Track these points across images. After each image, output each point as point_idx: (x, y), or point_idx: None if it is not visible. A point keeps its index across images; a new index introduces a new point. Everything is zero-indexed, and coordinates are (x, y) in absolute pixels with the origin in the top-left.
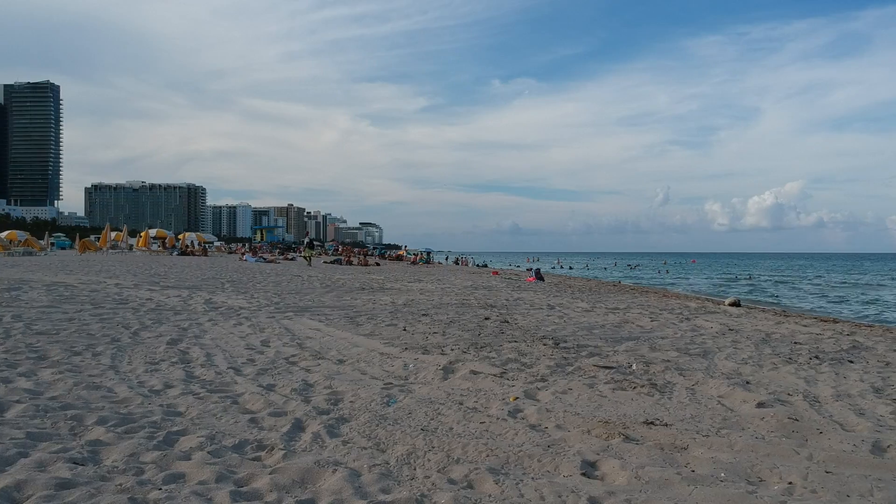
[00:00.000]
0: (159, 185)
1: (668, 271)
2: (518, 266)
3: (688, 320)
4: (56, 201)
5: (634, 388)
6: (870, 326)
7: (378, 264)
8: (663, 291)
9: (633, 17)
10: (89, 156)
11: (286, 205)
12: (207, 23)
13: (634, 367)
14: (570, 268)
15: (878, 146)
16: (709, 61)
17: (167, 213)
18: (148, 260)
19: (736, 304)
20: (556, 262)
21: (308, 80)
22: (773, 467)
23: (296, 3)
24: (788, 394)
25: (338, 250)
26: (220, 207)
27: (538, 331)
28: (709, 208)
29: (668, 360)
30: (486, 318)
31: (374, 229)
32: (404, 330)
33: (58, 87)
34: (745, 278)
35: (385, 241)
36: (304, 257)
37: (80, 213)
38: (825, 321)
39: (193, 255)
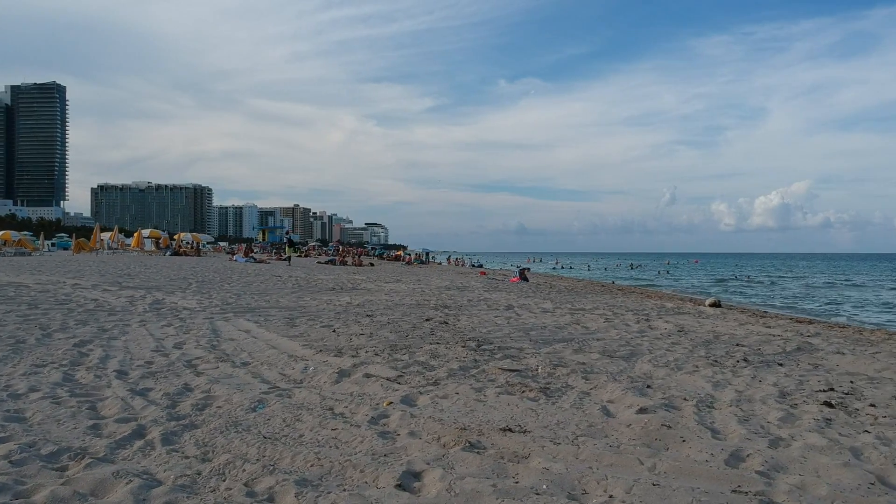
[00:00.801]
0: (165, 186)
1: (668, 272)
2: (517, 266)
3: (646, 321)
4: (62, 202)
5: (523, 392)
6: (842, 327)
7: (372, 265)
8: (650, 292)
9: (639, 16)
10: (96, 156)
11: (292, 205)
12: (214, 23)
13: (539, 370)
14: (571, 268)
15: (885, 146)
16: (715, 61)
17: (173, 213)
18: (134, 260)
19: (716, 304)
20: (555, 262)
21: (314, 80)
22: (602, 479)
23: (302, 3)
24: (685, 399)
25: (338, 251)
26: (227, 208)
27: (472, 332)
28: (715, 208)
29: (584, 363)
30: (428, 320)
31: (380, 229)
32: (334, 332)
33: (64, 87)
34: (744, 278)
35: (391, 242)
36: (287, 257)
37: (87, 213)
38: (800, 322)
39: (186, 255)
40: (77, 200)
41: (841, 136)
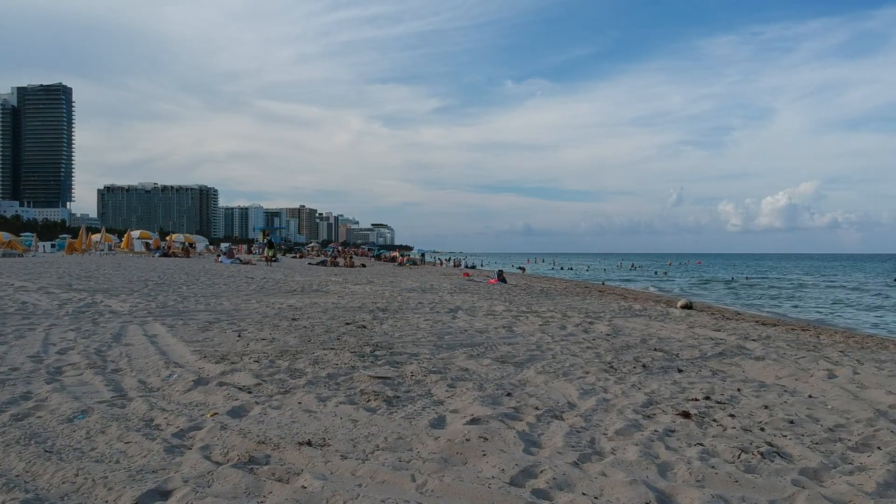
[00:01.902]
0: (171, 187)
1: (665, 273)
2: (515, 267)
3: (588, 324)
4: (68, 203)
5: (368, 402)
6: (805, 329)
7: (364, 265)
8: (636, 293)
9: (646, 17)
10: (104, 157)
11: (298, 206)
12: (221, 25)
13: (412, 376)
14: (571, 269)
15: (893, 146)
16: (723, 61)
17: (179, 214)
18: (118, 261)
19: (687, 306)
20: (552, 263)
21: (321, 81)
22: (352, 499)
23: (309, 4)
24: (536, 408)
25: (338, 252)
26: (233, 209)
27: (382, 337)
28: (722, 209)
29: (467, 370)
30: (348, 324)
31: (386, 230)
32: (239, 337)
33: (70, 89)
34: (742, 279)
35: (397, 242)
36: (265, 258)
37: (93, 214)
38: (765, 324)
39: (176, 256)
40: (84, 202)
41: (849, 137)
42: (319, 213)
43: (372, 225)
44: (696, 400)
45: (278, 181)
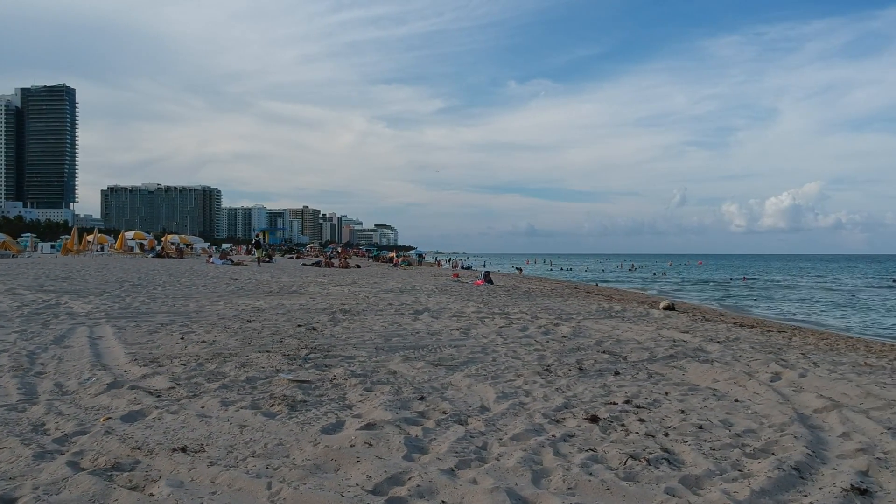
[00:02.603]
0: (175, 188)
1: (664, 273)
2: (514, 267)
3: (554, 325)
4: (72, 203)
5: (271, 406)
6: (782, 331)
7: (359, 266)
8: (617, 294)
9: (649, 17)
10: (108, 158)
11: (301, 207)
12: (225, 25)
13: (333, 379)
14: (570, 269)
15: None
16: (727, 62)
17: (182, 215)
18: (105, 262)
19: (669, 307)
20: (549, 263)
21: (325, 82)
22: None
23: (312, 5)
24: (444, 412)
25: (338, 252)
26: (236, 209)
27: (327, 339)
28: (726, 209)
29: (395, 373)
30: (299, 325)
31: (390, 231)
32: (182, 339)
33: (73, 90)
34: (739, 279)
35: (400, 243)
36: (256, 258)
37: (97, 215)
38: (743, 325)
39: (169, 257)
40: (88, 202)
41: (853, 137)
42: (323, 214)
43: (375, 226)
44: (615, 404)
45: (282, 182)
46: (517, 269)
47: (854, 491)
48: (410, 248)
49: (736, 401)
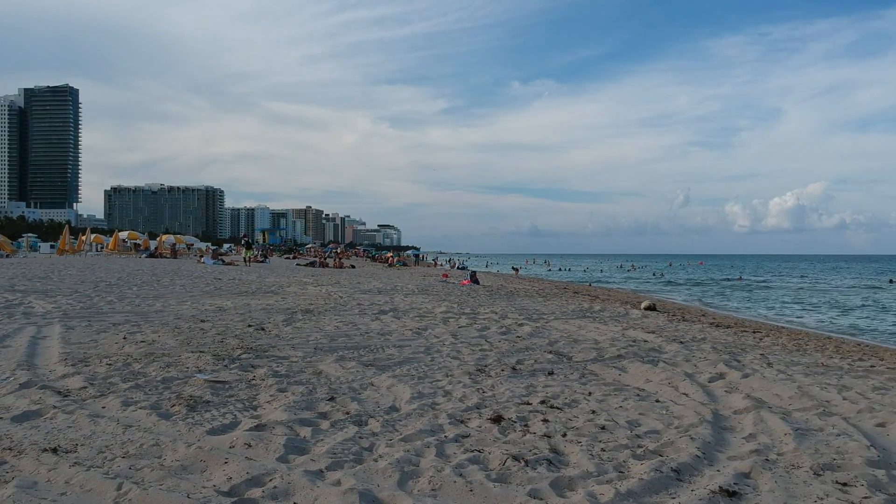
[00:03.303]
0: (178, 188)
1: (662, 274)
2: (510, 268)
3: (518, 325)
4: (75, 204)
5: (172, 407)
6: (757, 331)
7: (353, 266)
8: (605, 294)
9: (653, 17)
10: (112, 158)
11: (304, 207)
12: (229, 26)
13: (252, 380)
14: (569, 270)
15: None
16: (730, 62)
17: (185, 215)
18: (94, 262)
19: (650, 307)
20: (547, 264)
21: (328, 82)
22: None
23: (316, 6)
24: (347, 413)
25: (336, 253)
26: (239, 210)
27: (272, 340)
28: (729, 210)
29: (319, 373)
30: (250, 326)
31: (393, 231)
32: (124, 339)
33: (77, 90)
34: (735, 279)
35: (404, 243)
36: (244, 258)
37: (100, 215)
38: (720, 325)
39: (163, 257)
40: (92, 203)
41: (857, 137)
42: (326, 215)
43: (378, 226)
44: (529, 404)
45: (285, 182)
46: (514, 269)
47: (722, 493)
48: (414, 248)
49: (657, 401)
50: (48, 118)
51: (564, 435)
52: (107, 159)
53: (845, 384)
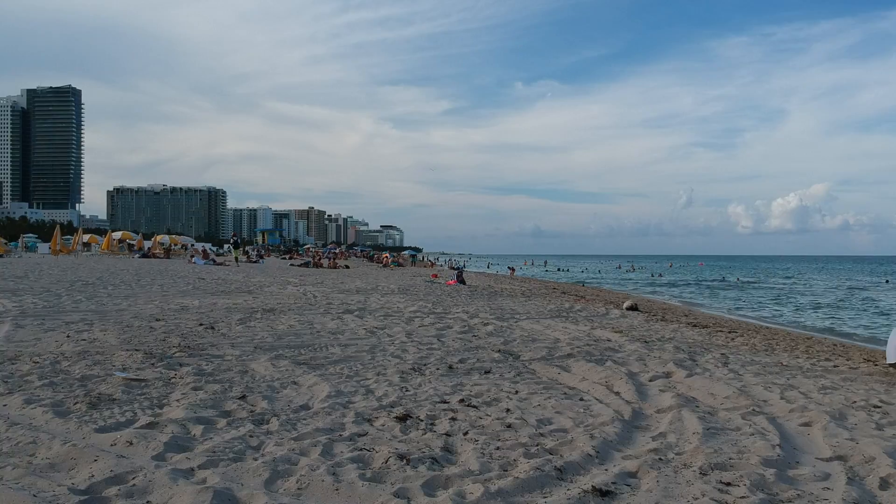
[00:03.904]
0: (180, 189)
1: (660, 275)
2: (521, 267)
3: (484, 324)
4: (77, 204)
5: (74, 404)
6: (731, 332)
7: (347, 266)
8: (591, 294)
9: (657, 18)
10: (115, 159)
11: (307, 207)
12: (233, 27)
13: (172, 378)
14: (567, 270)
15: None
16: (734, 63)
17: (188, 215)
18: (80, 261)
19: (633, 307)
20: (543, 263)
21: (331, 83)
22: None
23: (319, 7)
24: (252, 411)
25: (334, 254)
26: (241, 210)
27: (217, 338)
28: (732, 210)
29: (244, 372)
30: (201, 325)
31: (395, 232)
32: (67, 337)
33: (79, 91)
34: (733, 280)
35: (406, 244)
36: (234, 258)
37: (103, 216)
38: (696, 326)
39: (156, 257)
40: (95, 203)
41: (861, 138)
42: (329, 215)
43: (381, 227)
44: (447, 402)
45: (288, 183)
46: (510, 269)
47: (595, 492)
48: (417, 248)
49: (581, 400)
50: (51, 119)
51: (466, 433)
52: (110, 160)
53: (793, 384)
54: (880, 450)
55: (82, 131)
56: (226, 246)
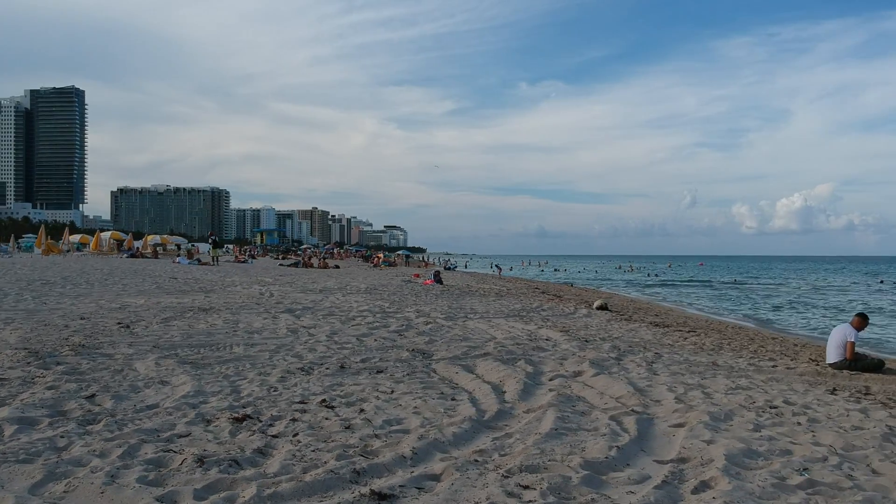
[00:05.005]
0: (183, 189)
1: (657, 275)
2: (512, 268)
3: (426, 323)
4: (81, 205)
5: None
6: (693, 331)
7: (337, 267)
8: (569, 294)
9: (661, 18)
10: (119, 160)
11: (311, 208)
12: (237, 27)
13: (44, 375)
14: (565, 270)
15: None
16: (738, 63)
17: (191, 216)
18: (63, 261)
19: (603, 307)
20: (540, 264)
21: (335, 83)
22: None
23: (323, 7)
24: (90, 410)
25: (333, 254)
26: (245, 211)
27: (125, 337)
28: (736, 211)
29: (121, 371)
30: (119, 324)
31: (399, 232)
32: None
33: (83, 91)
34: (730, 280)
35: (410, 244)
36: (212, 257)
37: (106, 216)
38: (658, 325)
39: (144, 257)
40: (99, 204)
41: (865, 138)
42: (332, 216)
43: (385, 227)
44: (305, 403)
45: (292, 183)
46: (496, 267)
47: (373, 496)
48: (421, 249)
49: (453, 399)
50: (54, 119)
51: (296, 435)
52: (114, 161)
53: (705, 384)
54: (723, 452)
55: (86, 132)
56: (226, 247)
